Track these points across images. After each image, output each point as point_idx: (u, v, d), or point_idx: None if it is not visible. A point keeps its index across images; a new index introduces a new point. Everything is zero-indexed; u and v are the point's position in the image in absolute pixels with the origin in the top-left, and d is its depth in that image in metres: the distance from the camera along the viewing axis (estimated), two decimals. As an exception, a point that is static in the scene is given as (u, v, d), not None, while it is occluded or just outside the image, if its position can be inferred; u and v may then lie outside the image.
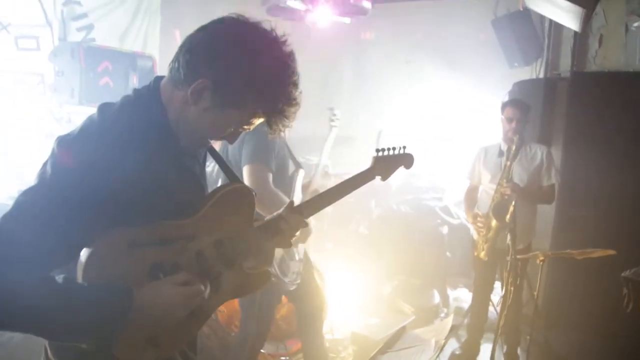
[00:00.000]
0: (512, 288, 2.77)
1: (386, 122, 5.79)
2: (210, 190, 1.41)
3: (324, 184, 2.88)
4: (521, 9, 4.06)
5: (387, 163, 1.83)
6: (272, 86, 1.22)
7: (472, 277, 4.58)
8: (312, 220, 2.58)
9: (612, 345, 3.44)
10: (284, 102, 1.24)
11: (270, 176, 2.40)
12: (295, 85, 1.25)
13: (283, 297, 2.88)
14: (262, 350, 3.06)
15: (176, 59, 1.23)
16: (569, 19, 3.16)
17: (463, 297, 4.31)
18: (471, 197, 3.61)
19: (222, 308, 3.31)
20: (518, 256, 2.85)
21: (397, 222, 4.57)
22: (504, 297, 2.86)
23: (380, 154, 1.80)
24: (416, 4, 5.51)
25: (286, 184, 2.57)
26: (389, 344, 2.29)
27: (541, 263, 2.89)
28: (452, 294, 4.35)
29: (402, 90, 5.74)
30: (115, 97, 3.99)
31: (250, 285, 1.49)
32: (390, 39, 5.70)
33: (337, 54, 6.08)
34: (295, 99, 1.26)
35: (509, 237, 2.93)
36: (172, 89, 1.24)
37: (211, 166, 3.98)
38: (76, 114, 3.61)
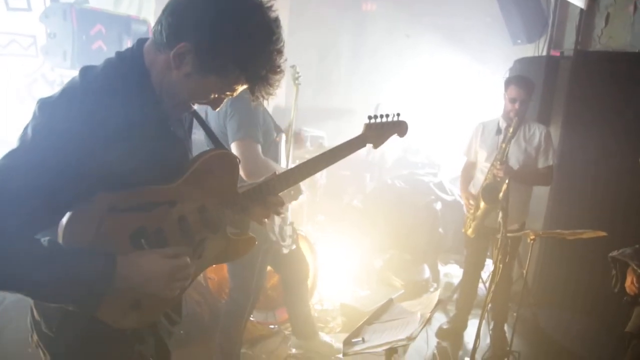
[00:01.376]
0: (501, 265, 2.79)
1: (384, 96, 5.76)
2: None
3: None
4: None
5: (379, 130, 1.80)
6: (256, 52, 1.20)
7: (463, 254, 4.63)
8: (316, 193, 2.61)
9: (600, 325, 3.50)
10: (267, 70, 1.22)
11: (259, 148, 2.38)
12: (279, 52, 1.22)
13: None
14: (251, 318, 3.11)
15: (159, 21, 1.20)
16: (574, -5, 3.09)
17: (453, 272, 4.36)
18: (467, 173, 3.60)
19: (212, 275, 3.34)
20: (508, 234, 2.86)
21: (391, 197, 4.58)
22: (493, 273, 2.88)
23: (372, 120, 1.77)
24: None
25: (272, 151, 2.56)
26: (376, 316, 2.31)
27: (532, 242, 2.90)
28: (442, 269, 4.40)
29: (402, 65, 5.69)
30: (107, 60, 3.84)
31: (235, 251, 1.49)
32: (391, 11, 5.62)
33: (337, 25, 6.00)
34: (279, 67, 1.24)
35: (500, 214, 2.95)
36: (155, 52, 1.22)
37: (200, 132, 3.96)
38: (69, 78, 3.55)
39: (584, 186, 3.86)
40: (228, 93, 1.27)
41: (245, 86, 1.26)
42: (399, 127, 1.88)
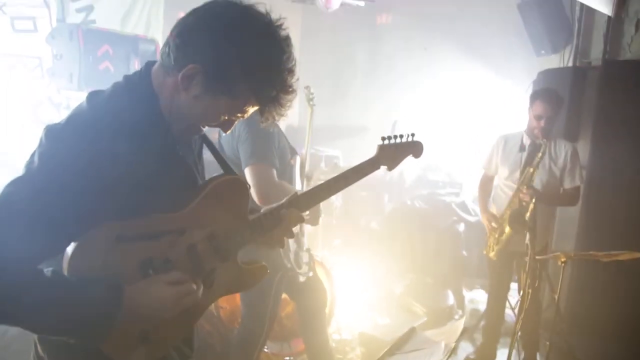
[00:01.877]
0: (529, 290, 2.75)
1: (402, 112, 5.75)
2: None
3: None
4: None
5: (393, 151, 1.80)
6: (266, 72, 1.21)
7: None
8: (331, 215, 2.62)
9: (638, 353, 3.40)
10: (278, 90, 1.24)
11: (275, 173, 2.39)
12: (291, 71, 1.24)
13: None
14: (265, 349, 3.09)
15: (167, 43, 1.23)
16: (602, 2, 3.09)
17: (479, 298, 4.29)
18: (485, 188, 3.57)
19: (224, 304, 3.34)
20: (537, 257, 2.83)
21: (411, 218, 4.55)
22: (522, 299, 2.84)
23: (386, 142, 1.78)
24: (436, -13, 5.45)
25: (287, 173, 2.58)
26: (398, 345, 2.29)
27: (563, 265, 2.86)
28: (467, 295, 4.33)
29: (419, 79, 5.69)
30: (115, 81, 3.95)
31: (246, 280, 1.49)
32: (407, 23, 5.65)
33: (351, 39, 6.06)
34: (291, 86, 1.25)
35: (527, 236, 2.91)
36: (164, 75, 1.24)
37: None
38: (75, 100, 3.64)
39: (618, 204, 3.79)
40: (239, 115, 1.29)
41: (256, 107, 1.28)
42: (414, 148, 1.87)
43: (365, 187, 5.41)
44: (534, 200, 2.98)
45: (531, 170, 3.12)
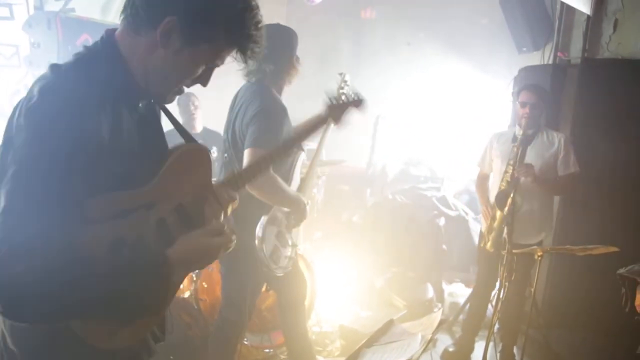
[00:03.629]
0: (506, 283, 2.80)
1: (384, 107, 5.78)
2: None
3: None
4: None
5: (339, 108, 2.25)
6: (239, 12, 1.23)
7: (469, 272, 4.63)
8: (307, 204, 2.60)
9: (613, 345, 3.48)
10: (250, 25, 1.25)
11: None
12: (257, 7, 1.27)
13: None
14: (245, 342, 3.10)
15: (130, 4, 1.21)
16: (582, 1, 3.14)
17: (459, 292, 4.34)
18: (483, 185, 3.61)
19: (203, 296, 3.34)
20: (513, 250, 2.87)
21: (392, 212, 4.59)
22: (498, 292, 2.89)
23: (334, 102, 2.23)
24: (420, -18, 5.47)
25: (287, 169, 2.59)
26: (375, 337, 2.31)
27: (539, 258, 2.91)
28: (447, 288, 4.38)
29: (403, 74, 5.72)
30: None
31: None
32: (391, 18, 5.67)
33: (335, 33, 6.06)
34: (260, 22, 1.28)
35: (505, 230, 2.96)
36: (133, 38, 1.22)
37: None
38: (53, 89, 3.59)
39: (595, 199, 3.86)
40: (218, 62, 1.29)
41: (232, 50, 1.29)
42: (356, 102, 2.34)
43: (347, 180, 5.44)
44: (512, 194, 3.02)
45: (515, 149, 3.16)
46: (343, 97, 2.38)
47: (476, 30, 5.20)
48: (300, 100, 2.89)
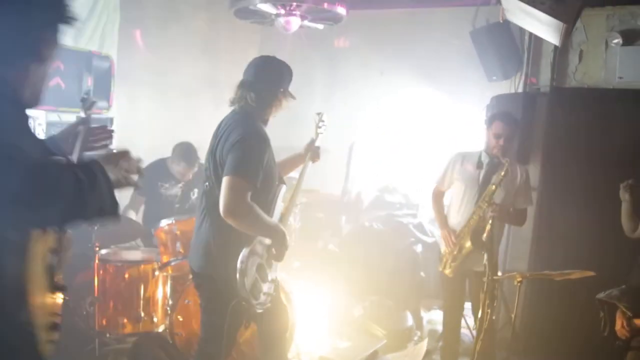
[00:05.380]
0: (489, 310, 2.77)
1: (359, 134, 5.81)
2: None
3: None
4: (501, 21, 4.12)
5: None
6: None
7: (445, 298, 4.60)
8: (291, 238, 2.55)
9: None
10: (63, 16, 1.40)
11: (249, 193, 2.33)
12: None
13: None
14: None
15: None
16: (550, 33, 3.24)
17: (437, 319, 4.30)
18: (439, 203, 3.60)
19: (179, 330, 3.22)
20: (495, 277, 2.86)
21: (369, 240, 4.56)
22: (481, 320, 2.86)
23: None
24: (392, 13, 5.57)
25: (269, 200, 2.53)
26: (360, 370, 2.24)
27: (519, 284, 2.91)
28: (426, 316, 4.35)
29: (376, 102, 5.78)
30: (67, 100, 3.86)
31: None
32: (364, 48, 5.74)
33: (309, 62, 6.08)
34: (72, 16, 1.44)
35: (485, 257, 2.95)
36: None
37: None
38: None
39: (568, 224, 3.92)
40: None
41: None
42: None
43: (322, 208, 5.38)
44: (490, 221, 3.03)
45: (493, 187, 3.20)
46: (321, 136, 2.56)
47: (447, 59, 5.31)
48: (271, 127, 2.84)
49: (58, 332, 1.44)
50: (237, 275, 2.35)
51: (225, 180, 2.32)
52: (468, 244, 3.22)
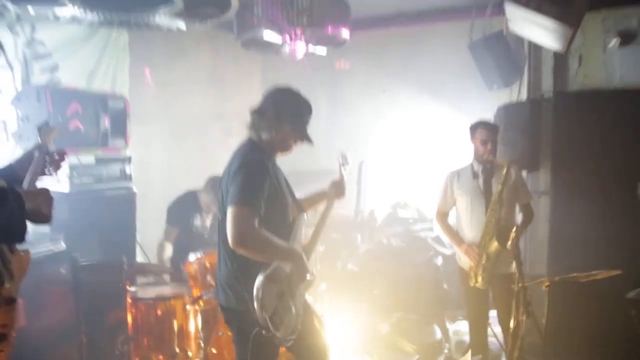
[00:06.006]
0: (525, 317, 2.76)
1: (365, 153, 5.83)
2: None
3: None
4: (504, 33, 4.18)
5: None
6: None
7: (469, 309, 4.58)
8: (314, 269, 2.47)
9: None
10: None
11: (254, 220, 2.26)
12: None
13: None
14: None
15: None
16: (553, 39, 3.29)
17: (463, 330, 4.27)
18: (446, 223, 3.64)
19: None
20: (526, 283, 2.85)
21: (388, 256, 4.55)
22: (516, 327, 2.84)
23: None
24: (390, 32, 5.65)
25: (286, 227, 2.48)
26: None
27: (547, 289, 2.91)
28: (451, 327, 4.32)
29: (380, 120, 5.83)
30: (86, 141, 3.90)
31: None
32: (365, 68, 5.81)
33: (311, 85, 6.14)
34: None
35: (514, 264, 2.95)
36: None
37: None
38: (44, 162, 3.48)
39: (583, 225, 3.93)
40: None
41: None
42: None
43: (336, 229, 5.36)
44: (514, 228, 3.04)
45: (500, 187, 3.28)
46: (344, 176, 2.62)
47: (447, 72, 5.38)
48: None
49: (6, 342, 1.55)
50: (255, 303, 2.26)
51: (229, 212, 2.27)
52: (494, 245, 3.23)
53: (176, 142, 5.13)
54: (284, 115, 2.47)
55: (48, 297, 3.14)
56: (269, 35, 4.08)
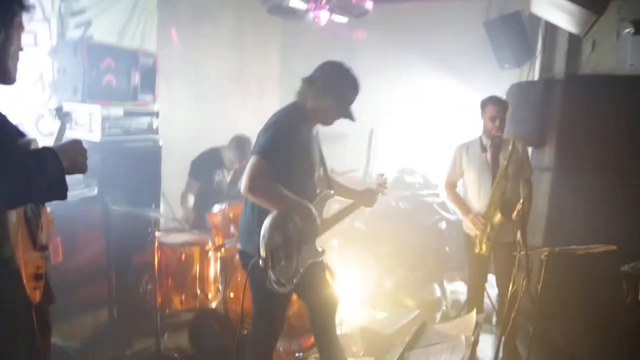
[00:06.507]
0: (524, 282, 2.81)
1: (377, 121, 5.80)
2: None
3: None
4: (526, 13, 4.07)
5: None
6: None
7: (466, 270, 4.65)
8: (317, 218, 2.46)
9: (610, 337, 3.54)
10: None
11: (267, 171, 2.27)
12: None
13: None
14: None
15: None
16: (574, 24, 3.22)
17: (459, 290, 4.36)
18: (455, 193, 3.65)
19: (233, 307, 3.26)
20: (529, 252, 2.89)
21: (395, 218, 4.59)
22: (515, 290, 2.89)
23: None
24: (408, 6, 5.52)
25: (309, 192, 2.49)
26: (414, 341, 2.28)
27: (545, 258, 2.95)
28: (449, 287, 4.40)
29: (393, 90, 5.76)
30: (117, 94, 3.88)
31: None
32: (381, 39, 5.70)
33: (328, 52, 6.02)
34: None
35: (519, 234, 2.98)
36: None
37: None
38: (78, 113, 3.46)
39: (582, 200, 3.93)
40: None
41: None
42: None
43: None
44: (522, 199, 3.06)
45: (505, 162, 3.28)
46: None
47: (461, 48, 5.29)
48: None
49: (42, 281, 1.60)
50: (261, 234, 2.26)
51: (250, 160, 2.31)
52: (498, 216, 3.26)
53: (197, 100, 5.09)
54: (330, 89, 2.45)
55: (82, 237, 3.19)
56: (295, 3, 3.99)
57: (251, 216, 2.46)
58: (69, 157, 1.52)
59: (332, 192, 2.63)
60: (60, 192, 1.48)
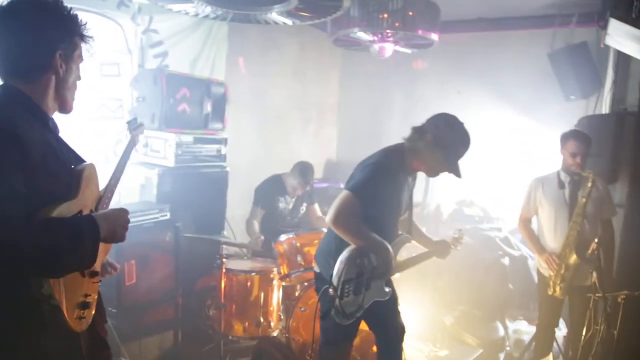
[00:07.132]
0: (603, 326, 2.69)
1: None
2: None
3: None
4: (602, 46, 3.96)
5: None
6: None
7: (529, 309, 4.48)
8: (393, 260, 2.49)
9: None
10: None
11: (355, 208, 2.35)
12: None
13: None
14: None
15: None
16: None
17: (523, 329, 4.20)
18: (529, 230, 3.53)
19: (296, 336, 3.27)
20: (606, 294, 2.77)
21: (455, 251, 4.48)
22: (590, 336, 2.77)
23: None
24: (470, 36, 5.51)
25: (390, 233, 2.53)
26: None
27: (622, 302, 2.82)
28: (511, 325, 4.24)
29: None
30: (190, 122, 4.05)
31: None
32: (442, 69, 5.70)
33: (388, 82, 6.10)
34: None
35: (594, 275, 2.86)
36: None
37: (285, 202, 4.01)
38: (154, 139, 3.64)
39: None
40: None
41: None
42: None
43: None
44: (596, 239, 2.94)
45: (584, 200, 3.15)
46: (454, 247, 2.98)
47: (524, 80, 5.21)
48: (350, 144, 2.87)
49: (89, 310, 1.52)
50: (336, 264, 2.34)
51: (341, 193, 2.38)
52: (574, 257, 3.14)
53: (261, 128, 5.24)
54: (441, 143, 2.46)
55: (153, 260, 3.30)
56: (362, 35, 4.07)
57: (333, 242, 2.52)
58: (109, 227, 1.44)
59: (410, 237, 2.65)
60: (88, 264, 1.38)
